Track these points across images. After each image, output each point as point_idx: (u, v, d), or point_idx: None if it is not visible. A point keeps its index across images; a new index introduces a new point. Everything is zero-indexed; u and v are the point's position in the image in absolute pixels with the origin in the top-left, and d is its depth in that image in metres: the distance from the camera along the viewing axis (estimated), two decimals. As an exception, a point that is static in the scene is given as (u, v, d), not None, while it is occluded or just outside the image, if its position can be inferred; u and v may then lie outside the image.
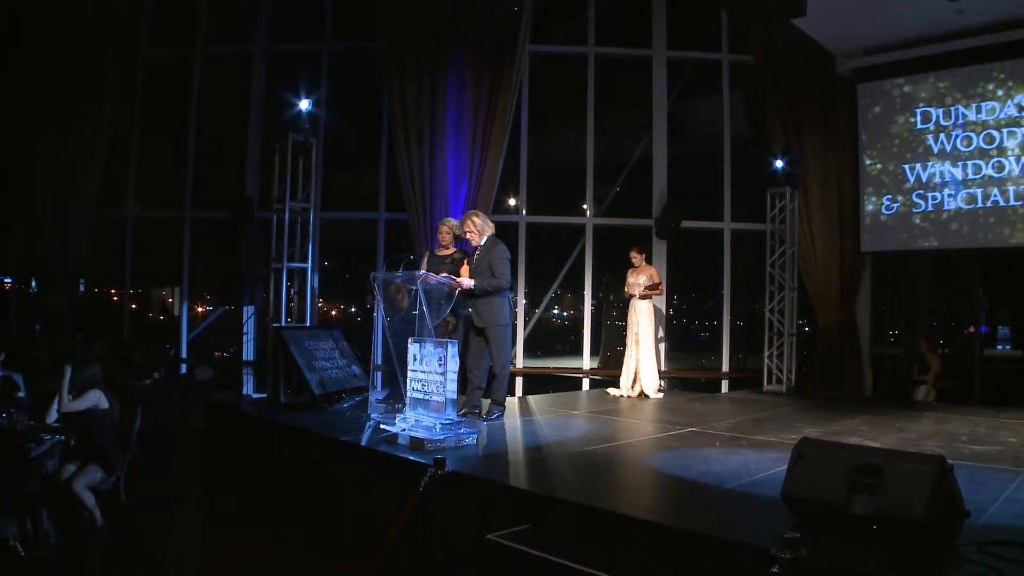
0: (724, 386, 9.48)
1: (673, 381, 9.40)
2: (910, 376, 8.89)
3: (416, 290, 5.34)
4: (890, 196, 8.56)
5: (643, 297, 7.84)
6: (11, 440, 4.62)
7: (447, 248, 6.55)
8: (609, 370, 9.23)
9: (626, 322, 8.05)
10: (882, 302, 9.23)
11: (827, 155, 8.93)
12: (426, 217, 8.71)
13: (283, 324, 7.45)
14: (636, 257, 7.96)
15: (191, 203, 9.42)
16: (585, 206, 9.71)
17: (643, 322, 7.86)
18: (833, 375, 8.85)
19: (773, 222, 9.01)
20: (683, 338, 10.50)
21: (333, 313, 10.60)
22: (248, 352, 9.34)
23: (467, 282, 5.91)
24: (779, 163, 8.73)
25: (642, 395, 7.90)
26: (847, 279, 8.92)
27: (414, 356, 5.15)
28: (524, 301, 9.64)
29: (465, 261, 6.38)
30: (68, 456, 5.20)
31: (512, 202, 9.72)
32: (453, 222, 6.54)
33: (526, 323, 9.71)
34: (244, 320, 9.16)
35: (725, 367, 9.50)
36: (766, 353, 8.86)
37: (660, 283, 7.98)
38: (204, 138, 9.46)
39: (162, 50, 9.48)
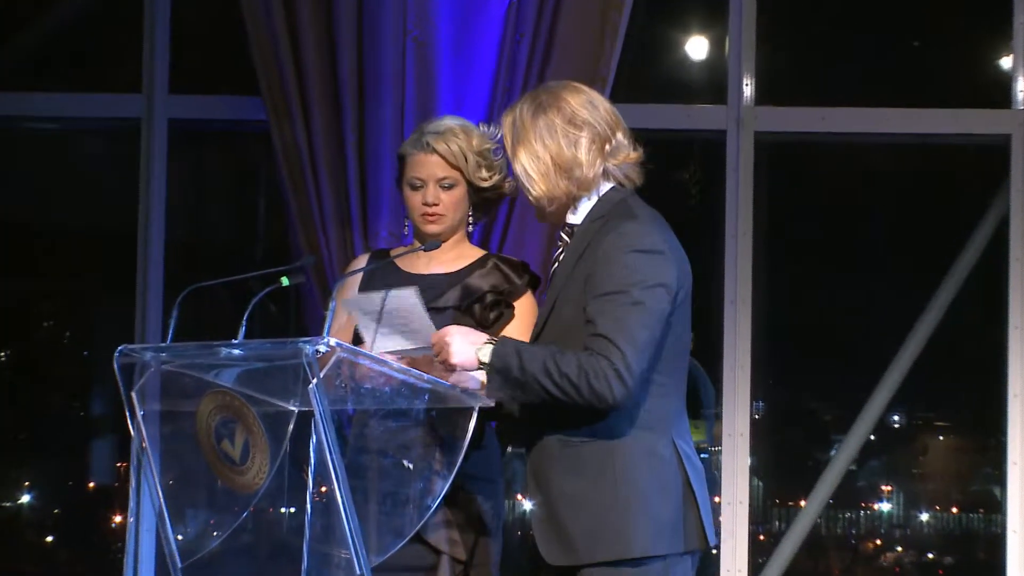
0: None
1: None
2: None
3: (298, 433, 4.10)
4: None
5: None
6: None
7: (443, 239, 4.39)
8: None
9: None
10: None
11: None
12: (345, 113, 6.12)
13: None
14: None
15: None
16: (1007, 64, 6.98)
17: None
18: None
19: None
20: None
21: None
22: None
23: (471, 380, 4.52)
24: None
25: None
26: None
27: None
28: (749, 467, 6.68)
29: (529, 290, 4.33)
30: None
31: (699, 55, 7.27)
32: (469, 133, 4.38)
33: (770, 547, 6.97)
34: None
35: None
36: None
37: None
38: None
39: None
